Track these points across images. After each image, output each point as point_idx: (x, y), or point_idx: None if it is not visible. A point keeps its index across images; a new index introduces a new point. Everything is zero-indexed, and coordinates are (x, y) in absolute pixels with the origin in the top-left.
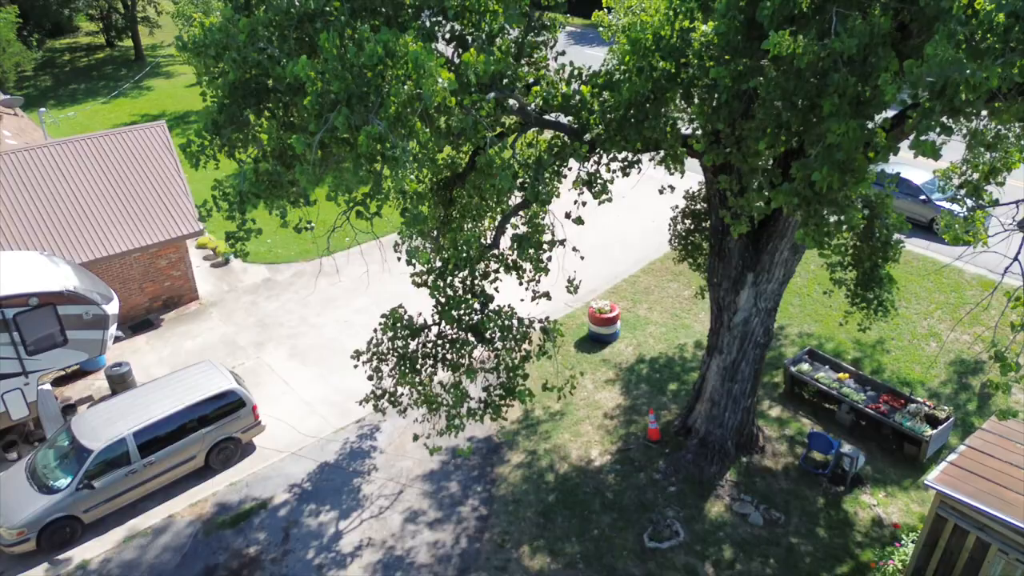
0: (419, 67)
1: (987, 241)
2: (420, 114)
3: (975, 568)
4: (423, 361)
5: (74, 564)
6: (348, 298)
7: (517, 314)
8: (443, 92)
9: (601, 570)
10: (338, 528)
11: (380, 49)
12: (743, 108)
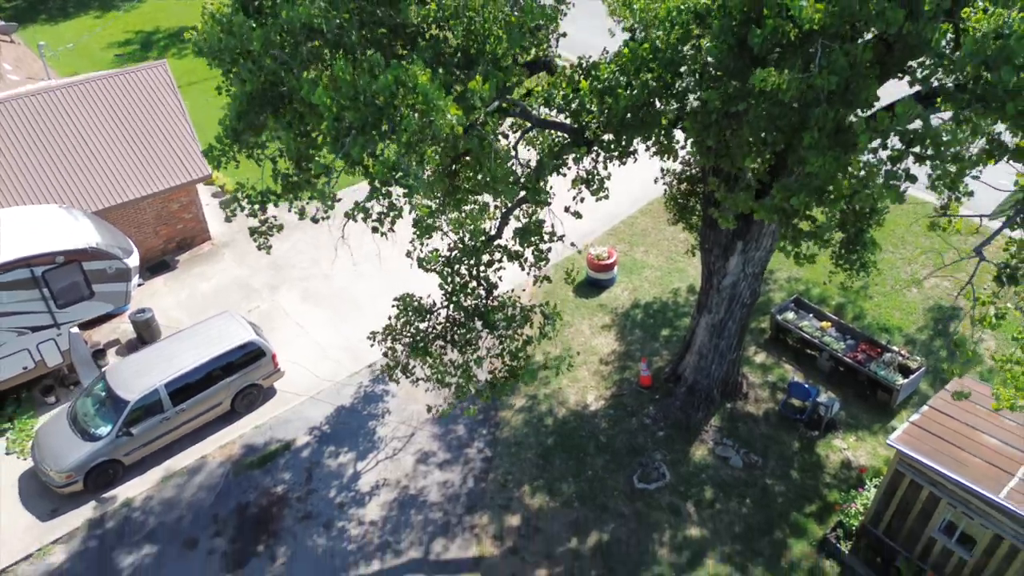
0: (429, 102)
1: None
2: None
3: (927, 517)
4: (434, 343)
5: (119, 502)
6: (358, 240)
7: (520, 301)
8: (452, 125)
9: (594, 508)
10: (356, 469)
11: (391, 80)
12: (732, 125)
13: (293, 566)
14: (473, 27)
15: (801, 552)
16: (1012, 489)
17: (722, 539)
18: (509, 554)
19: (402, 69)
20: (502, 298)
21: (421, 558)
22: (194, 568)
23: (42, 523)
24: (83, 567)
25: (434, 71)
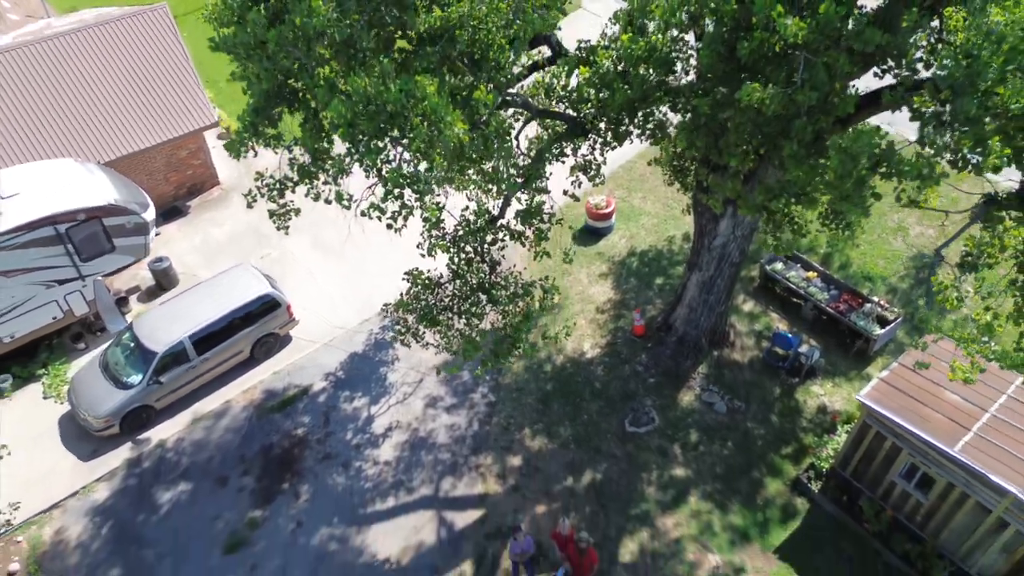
0: (437, 116)
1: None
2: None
3: (889, 463)
4: (442, 313)
5: (153, 443)
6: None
7: (521, 277)
8: (458, 136)
9: (589, 450)
10: (370, 412)
11: (401, 93)
12: (720, 129)
13: (315, 502)
14: (477, 36)
15: (776, 490)
16: (967, 443)
17: (704, 478)
18: (511, 491)
19: (413, 83)
20: (504, 275)
21: (432, 495)
22: (226, 503)
23: (84, 463)
24: (125, 503)
25: (441, 78)
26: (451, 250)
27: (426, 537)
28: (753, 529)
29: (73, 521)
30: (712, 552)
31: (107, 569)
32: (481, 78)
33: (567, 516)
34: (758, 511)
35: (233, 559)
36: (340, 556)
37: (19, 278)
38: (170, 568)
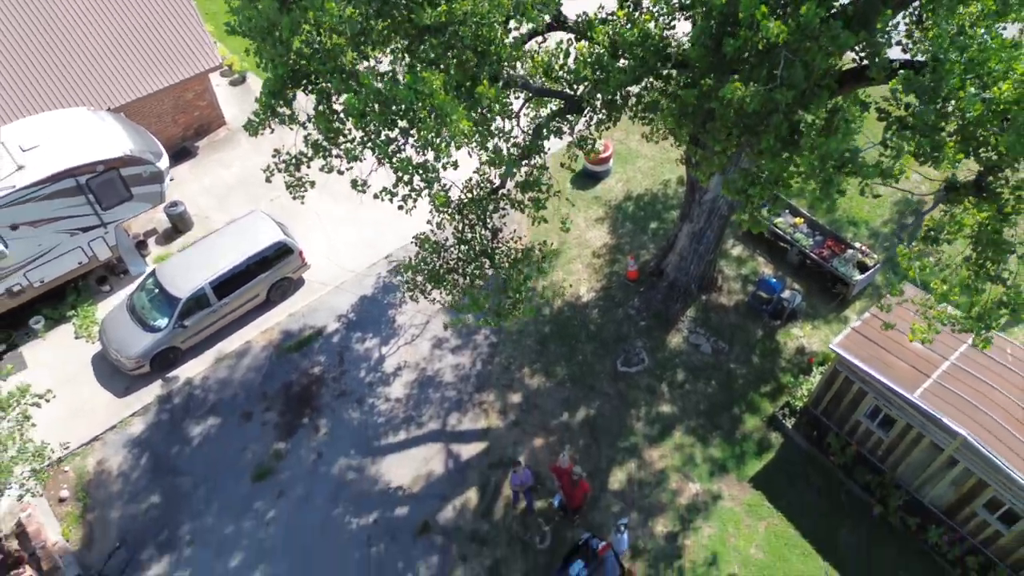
0: (444, 115)
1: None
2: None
3: (856, 404)
4: (448, 276)
5: (182, 381)
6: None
7: (521, 242)
8: (463, 131)
9: (583, 388)
10: (381, 352)
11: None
12: (705, 118)
13: (334, 435)
14: (480, 32)
15: (753, 426)
16: (925, 389)
17: (688, 415)
18: (512, 426)
19: (421, 80)
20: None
21: (439, 429)
22: (252, 436)
23: (119, 399)
24: (159, 436)
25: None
26: (456, 218)
27: (435, 467)
28: (731, 461)
29: (113, 452)
30: (693, 481)
31: (147, 496)
32: (484, 71)
33: (566, 452)
34: (736, 445)
35: (262, 486)
36: (358, 484)
37: (45, 227)
38: (205, 494)
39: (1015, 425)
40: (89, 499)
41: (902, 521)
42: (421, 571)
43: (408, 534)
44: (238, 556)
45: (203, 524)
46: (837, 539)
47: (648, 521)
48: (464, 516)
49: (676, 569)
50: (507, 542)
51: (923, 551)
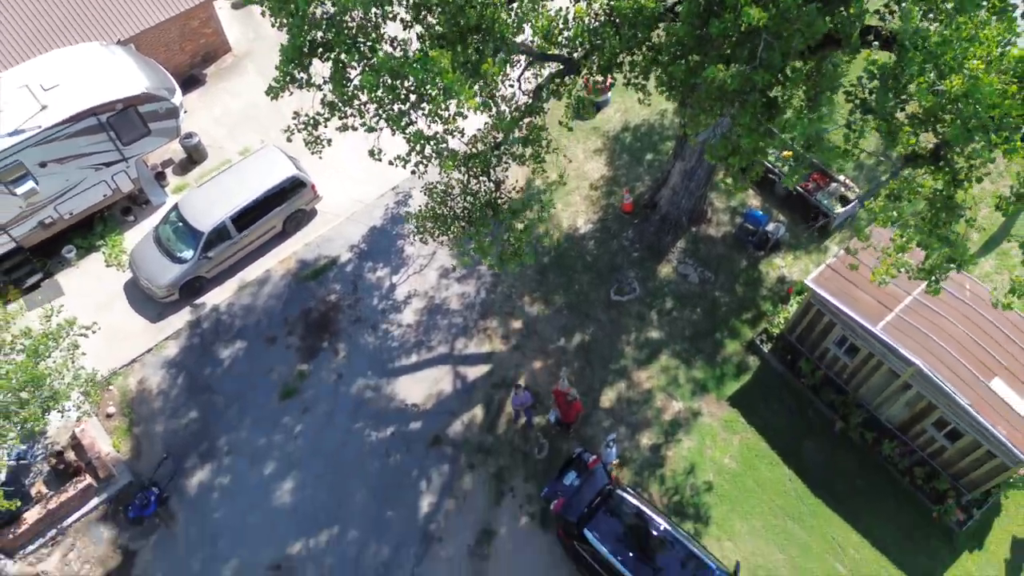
0: (451, 92)
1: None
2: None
3: (826, 333)
4: (454, 222)
5: (208, 307)
6: None
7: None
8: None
9: (579, 315)
10: (392, 281)
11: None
12: (692, 90)
13: (351, 358)
14: (485, 13)
15: (733, 350)
16: (887, 322)
17: (675, 340)
18: (513, 350)
19: (430, 61)
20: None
21: (448, 353)
22: (276, 358)
23: (153, 324)
24: (192, 358)
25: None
26: (462, 170)
27: (444, 387)
28: (711, 382)
29: (151, 373)
30: (676, 400)
31: (185, 411)
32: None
33: (565, 376)
34: (717, 367)
35: (288, 404)
36: (375, 402)
37: (71, 164)
38: (238, 411)
39: (966, 356)
40: (134, 414)
41: (861, 435)
42: (434, 477)
43: (422, 445)
44: (271, 465)
45: (238, 437)
46: (802, 451)
47: (635, 435)
48: (471, 430)
49: (658, 477)
50: (509, 453)
51: (877, 462)
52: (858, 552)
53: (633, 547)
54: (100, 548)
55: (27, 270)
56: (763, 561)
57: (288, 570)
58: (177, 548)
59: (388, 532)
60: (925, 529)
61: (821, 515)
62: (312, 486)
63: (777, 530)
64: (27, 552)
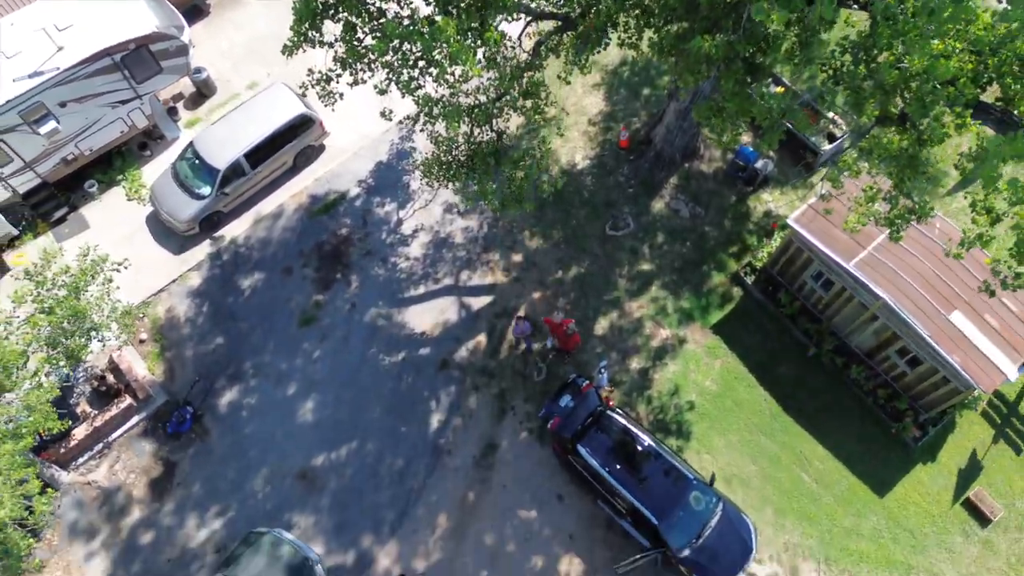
0: (457, 60)
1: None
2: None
3: (804, 268)
4: (459, 169)
5: (227, 240)
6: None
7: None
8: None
9: (575, 249)
10: (399, 216)
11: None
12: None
13: (364, 289)
14: None
15: (719, 282)
16: (860, 260)
17: (664, 272)
18: (514, 281)
19: (437, 29)
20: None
21: (453, 284)
22: (294, 288)
23: (176, 256)
24: (215, 288)
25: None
26: (466, 120)
27: (450, 316)
28: (697, 311)
29: (178, 302)
30: (664, 328)
31: (212, 337)
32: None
33: (561, 311)
34: (703, 297)
35: (307, 331)
36: (387, 330)
37: (89, 103)
38: (260, 337)
39: (930, 290)
40: (164, 340)
41: (832, 360)
42: (442, 397)
43: (431, 369)
44: (293, 386)
45: (262, 361)
46: (777, 374)
47: (625, 360)
48: (475, 355)
49: (646, 398)
50: (510, 376)
51: (845, 384)
52: (822, 464)
53: (621, 460)
54: (143, 460)
55: (53, 204)
56: (737, 471)
57: (313, 478)
58: (213, 459)
59: (402, 445)
60: (884, 444)
61: (791, 431)
62: (332, 405)
63: (751, 444)
64: (78, 464)
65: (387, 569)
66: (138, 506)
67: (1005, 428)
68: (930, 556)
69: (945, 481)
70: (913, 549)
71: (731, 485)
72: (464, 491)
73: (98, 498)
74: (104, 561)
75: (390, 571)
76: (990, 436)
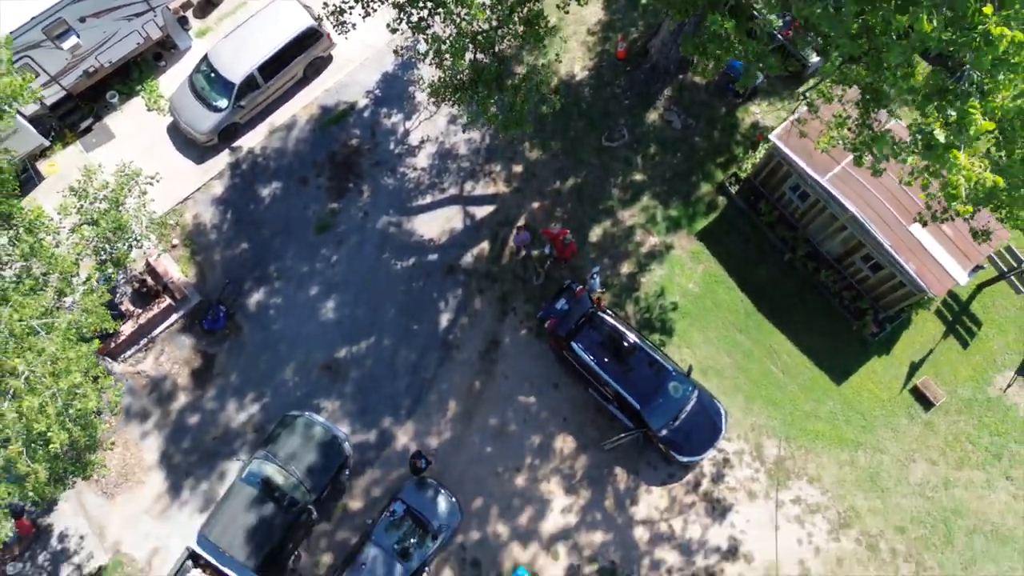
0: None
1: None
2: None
3: (783, 180)
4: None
5: (244, 150)
6: None
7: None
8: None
9: (573, 160)
10: (405, 127)
11: None
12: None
13: (375, 198)
14: None
15: (706, 191)
16: (833, 175)
17: (656, 182)
18: (515, 192)
19: None
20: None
21: (457, 194)
22: (310, 197)
23: (197, 165)
24: (236, 196)
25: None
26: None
27: (456, 224)
28: (684, 219)
29: (203, 209)
30: (653, 235)
31: (238, 242)
32: None
33: (559, 221)
34: (690, 206)
35: (324, 237)
36: (397, 237)
37: (106, 17)
38: (281, 242)
39: (894, 203)
40: (194, 245)
41: (804, 265)
42: (449, 299)
43: (439, 273)
44: (314, 288)
45: (284, 265)
46: (755, 277)
47: (616, 265)
48: (480, 261)
49: (634, 299)
50: (511, 280)
51: (815, 286)
52: (790, 357)
53: (609, 354)
54: (184, 352)
55: (79, 115)
56: (713, 363)
57: (337, 369)
58: (246, 352)
59: (415, 341)
60: (846, 339)
61: (763, 328)
62: (351, 305)
63: (727, 340)
64: (126, 357)
65: (405, 446)
66: (183, 392)
67: (955, 324)
68: (877, 435)
69: (897, 371)
70: (863, 429)
71: (707, 375)
72: (471, 380)
73: (147, 386)
74: (157, 439)
75: (407, 448)
76: (941, 332)
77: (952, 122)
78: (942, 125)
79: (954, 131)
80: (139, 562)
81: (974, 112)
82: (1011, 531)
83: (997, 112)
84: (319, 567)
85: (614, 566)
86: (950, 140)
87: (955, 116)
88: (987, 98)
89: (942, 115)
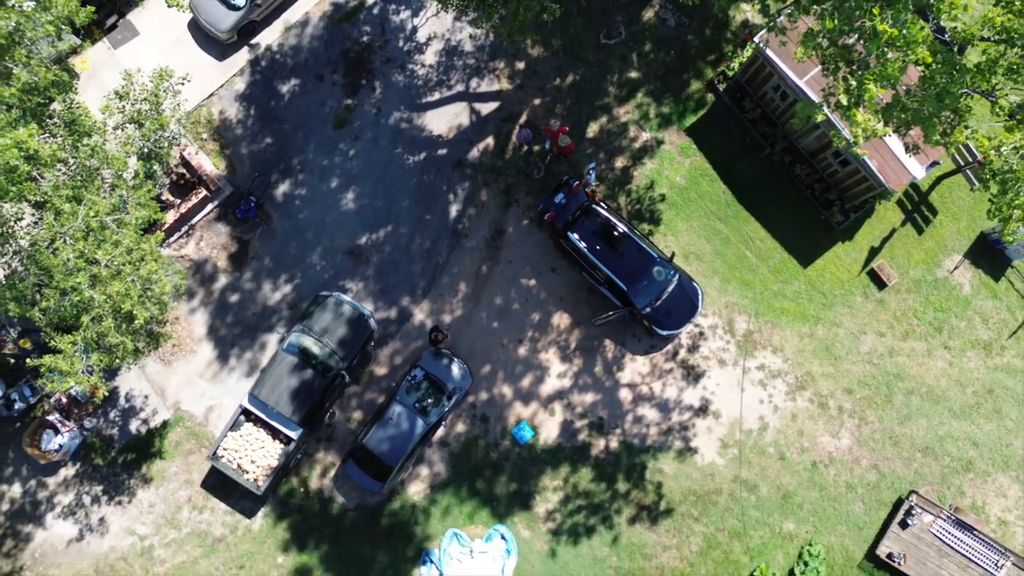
0: None
1: None
2: None
3: (767, 80)
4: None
5: (263, 47)
6: None
7: None
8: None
9: (572, 57)
10: (414, 24)
11: None
12: None
13: (386, 95)
14: None
15: (695, 88)
16: (811, 77)
17: (650, 80)
18: (518, 88)
19: None
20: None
21: (464, 91)
22: (327, 94)
23: (219, 62)
24: (258, 92)
25: None
26: None
27: (463, 120)
28: (675, 116)
29: (227, 105)
30: (645, 131)
31: (262, 137)
32: None
33: (559, 117)
34: (681, 103)
35: (341, 132)
36: (409, 132)
37: None
38: (303, 137)
39: None
40: (222, 139)
41: (781, 159)
42: (458, 191)
43: (448, 167)
44: (335, 180)
45: (307, 158)
46: (736, 170)
47: (610, 159)
48: (485, 155)
49: (626, 191)
50: (515, 173)
51: (790, 178)
52: (763, 243)
53: (601, 243)
54: (221, 238)
55: (104, 12)
56: (694, 249)
57: (358, 253)
58: (276, 238)
59: (428, 229)
60: (814, 226)
61: (741, 217)
62: (369, 196)
63: (708, 228)
64: (170, 242)
65: (421, 321)
66: (223, 274)
67: (914, 213)
68: (835, 311)
69: (857, 256)
70: (823, 306)
71: (688, 260)
72: (479, 265)
73: (191, 268)
74: (203, 315)
75: (424, 323)
76: (900, 220)
77: (852, 89)
78: (844, 91)
79: (855, 95)
80: (197, 417)
81: (868, 82)
82: (944, 392)
83: (892, 79)
84: (351, 422)
85: (602, 421)
86: (851, 102)
87: (855, 84)
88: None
89: (845, 84)
